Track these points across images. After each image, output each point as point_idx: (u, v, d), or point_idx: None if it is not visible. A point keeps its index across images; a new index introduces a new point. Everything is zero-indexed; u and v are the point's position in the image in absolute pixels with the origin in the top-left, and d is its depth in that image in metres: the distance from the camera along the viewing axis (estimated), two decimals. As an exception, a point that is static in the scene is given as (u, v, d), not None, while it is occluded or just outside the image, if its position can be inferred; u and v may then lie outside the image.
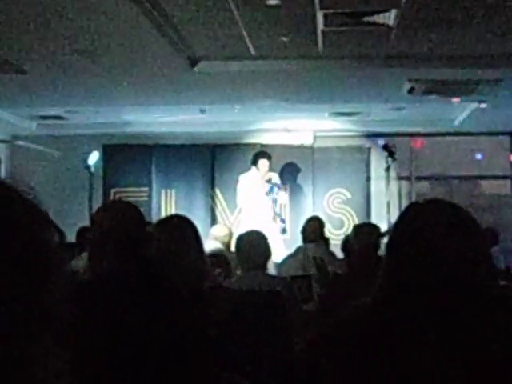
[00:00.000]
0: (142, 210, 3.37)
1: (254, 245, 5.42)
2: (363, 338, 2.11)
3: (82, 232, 8.51)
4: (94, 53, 7.74)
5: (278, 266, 7.81)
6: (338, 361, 2.13)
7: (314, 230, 8.23)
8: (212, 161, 12.62)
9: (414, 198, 12.25)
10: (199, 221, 5.07)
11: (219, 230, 8.07)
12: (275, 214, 11.13)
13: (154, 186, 12.60)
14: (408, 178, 13.03)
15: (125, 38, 7.27)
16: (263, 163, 10.98)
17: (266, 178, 10.97)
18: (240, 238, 5.63)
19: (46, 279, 0.93)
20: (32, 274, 0.91)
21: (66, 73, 8.64)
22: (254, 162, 11.06)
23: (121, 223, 3.03)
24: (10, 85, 9.21)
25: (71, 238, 8.47)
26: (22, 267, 0.91)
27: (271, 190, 10.97)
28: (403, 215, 2.27)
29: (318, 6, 6.58)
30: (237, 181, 11.41)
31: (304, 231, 8.27)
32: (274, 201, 11.09)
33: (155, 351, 2.55)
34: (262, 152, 11.37)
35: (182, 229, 3.96)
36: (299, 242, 8.45)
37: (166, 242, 3.81)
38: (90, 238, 3.21)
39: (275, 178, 11.15)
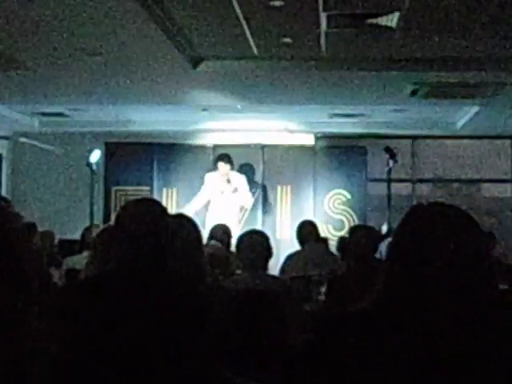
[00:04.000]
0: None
1: (254, 244, 5.42)
2: (364, 340, 2.12)
3: (87, 231, 8.55)
4: (97, 51, 7.75)
5: (281, 268, 7.81)
6: (340, 359, 2.14)
7: (309, 232, 8.23)
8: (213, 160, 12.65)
9: (414, 201, 12.27)
10: (199, 220, 5.06)
11: (218, 229, 8.09)
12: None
13: (156, 184, 12.61)
14: (409, 181, 13.06)
15: (128, 37, 7.28)
16: (220, 166, 11.50)
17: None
18: (241, 238, 5.64)
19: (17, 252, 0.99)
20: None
21: (69, 70, 8.65)
22: (215, 164, 11.67)
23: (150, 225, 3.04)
24: (13, 82, 9.22)
25: (72, 234, 8.50)
26: None
27: None
28: (406, 218, 2.27)
29: (321, 8, 6.59)
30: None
31: (299, 234, 8.25)
32: None
33: (155, 351, 2.57)
34: (220, 156, 11.70)
35: (185, 228, 3.96)
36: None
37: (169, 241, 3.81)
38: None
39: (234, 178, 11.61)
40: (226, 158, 11.59)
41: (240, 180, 11.74)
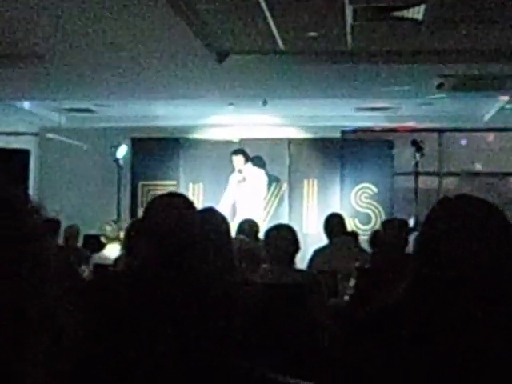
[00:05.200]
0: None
1: (282, 238, 5.41)
2: (392, 331, 2.12)
3: (105, 225, 8.59)
4: (123, 46, 7.78)
5: (308, 262, 7.80)
6: (366, 354, 2.14)
7: (337, 224, 8.20)
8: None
9: (441, 194, 12.20)
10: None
11: (245, 224, 8.09)
12: None
13: (182, 179, 12.64)
14: (436, 174, 12.99)
15: (154, 32, 7.29)
16: (233, 159, 11.83)
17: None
18: (268, 232, 5.63)
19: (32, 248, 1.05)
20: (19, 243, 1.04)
21: (96, 66, 8.69)
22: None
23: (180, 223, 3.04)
24: (41, 78, 9.27)
25: (98, 230, 8.53)
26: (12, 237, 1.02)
27: None
28: (434, 211, 2.26)
29: (347, 1, 6.57)
30: (264, 175, 11.72)
31: (327, 226, 8.22)
32: None
33: (182, 342, 2.57)
34: (232, 150, 11.95)
35: (214, 222, 3.96)
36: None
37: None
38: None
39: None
40: (237, 151, 11.86)
41: (253, 172, 11.84)
